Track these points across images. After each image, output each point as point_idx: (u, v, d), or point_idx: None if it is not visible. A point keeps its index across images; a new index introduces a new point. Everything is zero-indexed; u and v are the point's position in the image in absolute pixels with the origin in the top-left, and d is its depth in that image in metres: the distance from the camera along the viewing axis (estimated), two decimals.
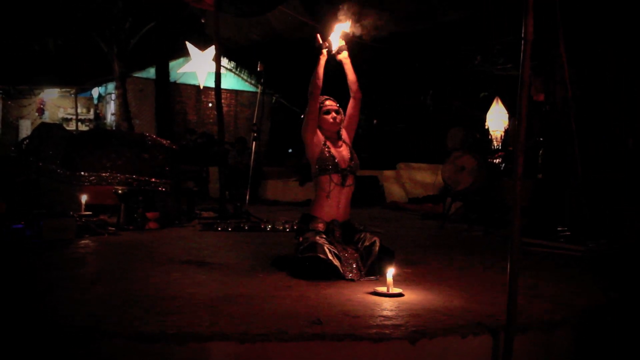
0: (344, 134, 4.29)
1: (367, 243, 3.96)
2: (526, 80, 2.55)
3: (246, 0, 7.50)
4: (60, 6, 12.82)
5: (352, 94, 4.28)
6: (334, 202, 4.10)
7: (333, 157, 4.09)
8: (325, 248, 3.77)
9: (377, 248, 3.92)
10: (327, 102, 4.21)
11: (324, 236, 3.94)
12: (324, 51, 4.08)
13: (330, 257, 3.74)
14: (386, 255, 3.89)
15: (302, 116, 4.24)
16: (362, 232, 4.11)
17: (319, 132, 4.17)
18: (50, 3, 12.65)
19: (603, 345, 3.00)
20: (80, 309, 2.85)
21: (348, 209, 4.20)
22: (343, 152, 4.19)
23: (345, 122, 4.30)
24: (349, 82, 4.26)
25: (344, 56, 4.19)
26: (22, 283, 3.56)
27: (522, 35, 2.53)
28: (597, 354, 2.98)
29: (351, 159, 4.18)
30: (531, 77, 7.82)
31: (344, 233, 4.08)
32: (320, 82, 4.06)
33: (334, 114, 4.19)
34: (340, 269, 3.76)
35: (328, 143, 4.16)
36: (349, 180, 4.14)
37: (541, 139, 7.13)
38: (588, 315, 3.08)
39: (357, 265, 3.84)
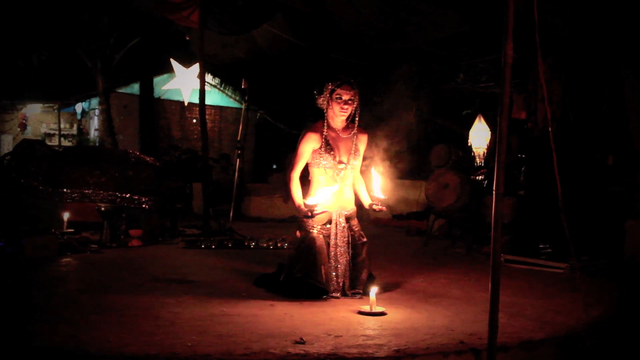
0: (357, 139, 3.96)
1: (358, 242, 3.92)
2: (506, 102, 2.59)
3: (231, 19, 7.54)
4: (46, 22, 12.77)
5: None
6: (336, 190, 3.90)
7: (330, 157, 3.88)
8: (322, 270, 3.74)
9: (364, 256, 3.90)
10: (340, 89, 3.82)
11: (322, 237, 3.84)
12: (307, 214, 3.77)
13: (324, 279, 3.74)
14: (369, 277, 3.93)
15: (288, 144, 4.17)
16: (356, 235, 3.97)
17: (313, 140, 3.89)
18: (36, 18, 12.58)
19: None
20: (61, 329, 2.82)
21: (353, 197, 4.01)
22: (343, 146, 3.93)
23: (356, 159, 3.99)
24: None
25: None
26: (1, 302, 3.52)
27: (502, 58, 2.57)
28: None
29: (351, 156, 3.93)
30: (513, 95, 7.96)
31: (349, 225, 3.92)
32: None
33: (343, 105, 3.83)
34: (329, 288, 3.77)
35: (329, 137, 3.89)
36: (346, 174, 3.94)
37: (522, 156, 7.20)
38: (570, 333, 3.11)
39: (343, 278, 3.83)
